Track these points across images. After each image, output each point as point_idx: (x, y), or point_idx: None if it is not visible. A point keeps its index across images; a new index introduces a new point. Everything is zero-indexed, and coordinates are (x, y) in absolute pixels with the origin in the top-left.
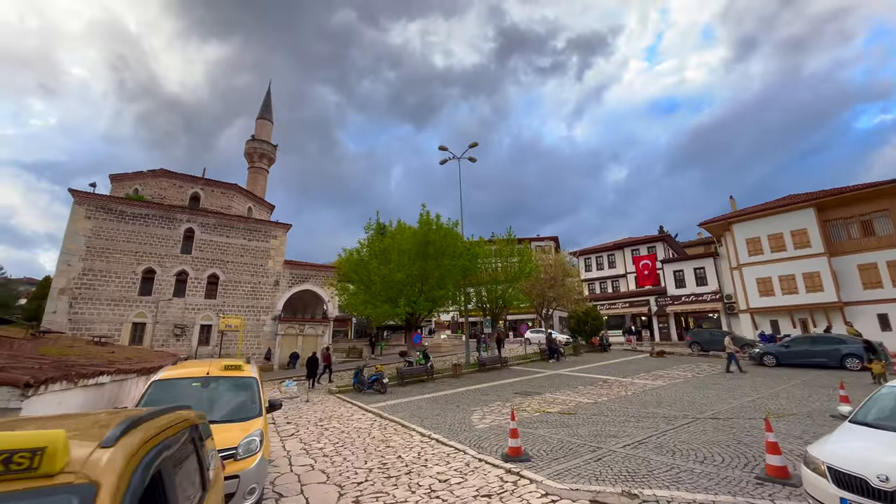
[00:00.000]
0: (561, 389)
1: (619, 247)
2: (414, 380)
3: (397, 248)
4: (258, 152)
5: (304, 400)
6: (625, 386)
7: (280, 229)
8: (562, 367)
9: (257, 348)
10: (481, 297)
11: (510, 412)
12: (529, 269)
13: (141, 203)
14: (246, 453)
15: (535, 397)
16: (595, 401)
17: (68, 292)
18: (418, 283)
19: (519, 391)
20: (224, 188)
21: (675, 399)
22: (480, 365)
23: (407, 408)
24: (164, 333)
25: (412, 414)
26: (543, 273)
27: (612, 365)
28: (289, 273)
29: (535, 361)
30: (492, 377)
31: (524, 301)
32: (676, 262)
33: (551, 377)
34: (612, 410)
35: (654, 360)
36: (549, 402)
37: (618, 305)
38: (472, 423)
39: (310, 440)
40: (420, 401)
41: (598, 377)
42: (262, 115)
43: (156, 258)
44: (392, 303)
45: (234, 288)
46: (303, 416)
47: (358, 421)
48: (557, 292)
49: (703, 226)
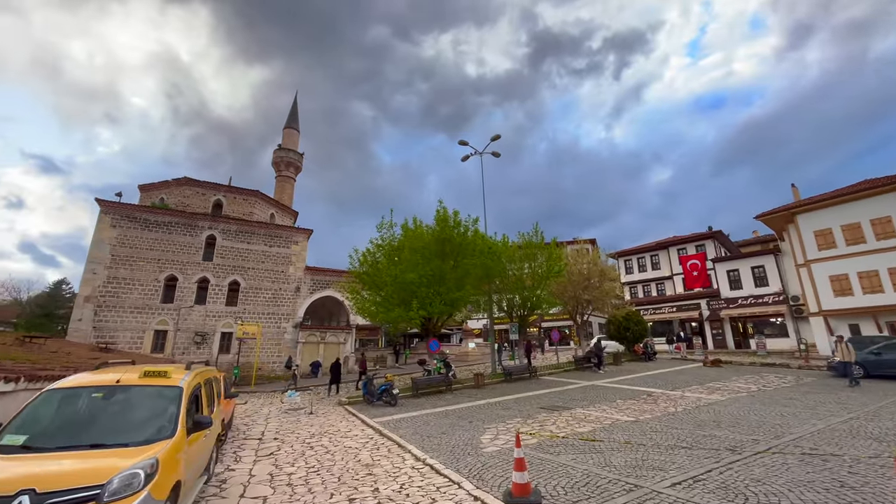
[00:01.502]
0: (596, 404)
1: (664, 246)
2: (431, 391)
3: (410, 247)
4: (285, 161)
5: (307, 412)
6: (674, 400)
7: (301, 234)
8: (599, 377)
9: (278, 356)
10: (507, 300)
11: (515, 436)
12: (559, 268)
13: (164, 211)
14: (119, 493)
15: (562, 413)
16: (636, 418)
17: (93, 300)
18: (434, 284)
19: (546, 405)
20: (246, 195)
21: (738, 418)
22: (506, 375)
23: (412, 423)
24: (185, 341)
25: (415, 431)
26: (577, 273)
27: (659, 376)
28: (310, 279)
29: (570, 371)
30: (518, 389)
31: (554, 304)
32: (730, 260)
33: (586, 389)
34: (658, 431)
35: (709, 371)
36: (578, 420)
37: (663, 310)
38: (480, 444)
39: (285, 462)
40: (430, 415)
41: (641, 389)
42: (289, 125)
43: (178, 265)
44: (405, 306)
45: (254, 295)
46: (296, 431)
47: (352, 439)
48: (593, 294)
49: (762, 218)
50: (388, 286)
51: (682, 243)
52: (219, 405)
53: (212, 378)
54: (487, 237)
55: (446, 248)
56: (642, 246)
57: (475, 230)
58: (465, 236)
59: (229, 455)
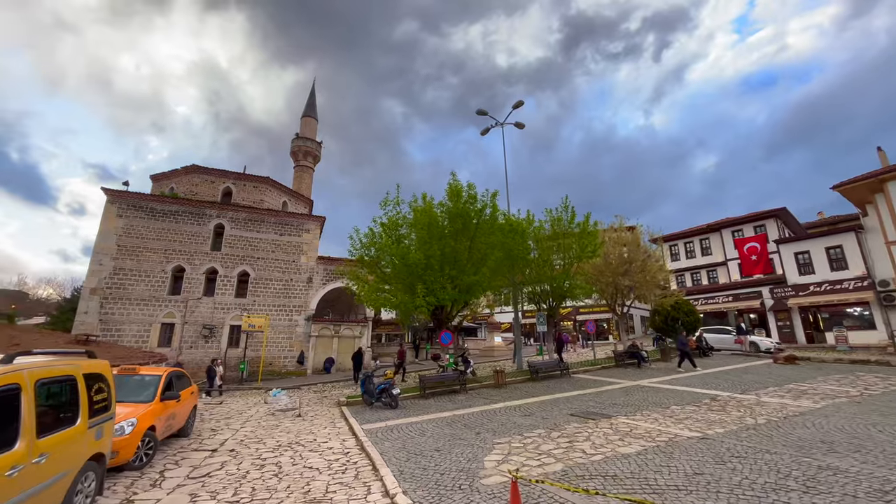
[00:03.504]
0: (644, 410)
1: (715, 229)
2: (442, 390)
3: (417, 223)
4: (303, 150)
5: (295, 414)
6: (749, 408)
7: (313, 222)
8: (645, 376)
9: (289, 351)
10: (533, 287)
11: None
12: (593, 247)
13: (171, 199)
14: None
15: (599, 423)
16: (703, 433)
17: (99, 292)
18: (444, 266)
19: (578, 411)
20: (256, 182)
21: (856, 436)
22: (532, 373)
23: (405, 433)
24: (193, 334)
25: (403, 445)
26: (615, 256)
27: (719, 375)
28: (322, 269)
29: (608, 368)
30: (545, 389)
31: (589, 291)
32: (798, 241)
33: (629, 391)
34: (741, 457)
35: (783, 369)
36: (621, 434)
37: (717, 300)
38: (481, 470)
39: (211, 490)
40: (431, 422)
41: (700, 392)
42: (307, 113)
43: (185, 256)
44: (410, 291)
45: (264, 286)
46: (263, 440)
47: (322, 454)
48: (635, 280)
49: (841, 189)
50: (391, 269)
51: (738, 224)
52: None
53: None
54: (510, 215)
55: (459, 226)
56: (690, 229)
57: (494, 206)
58: (482, 213)
59: (151, 474)
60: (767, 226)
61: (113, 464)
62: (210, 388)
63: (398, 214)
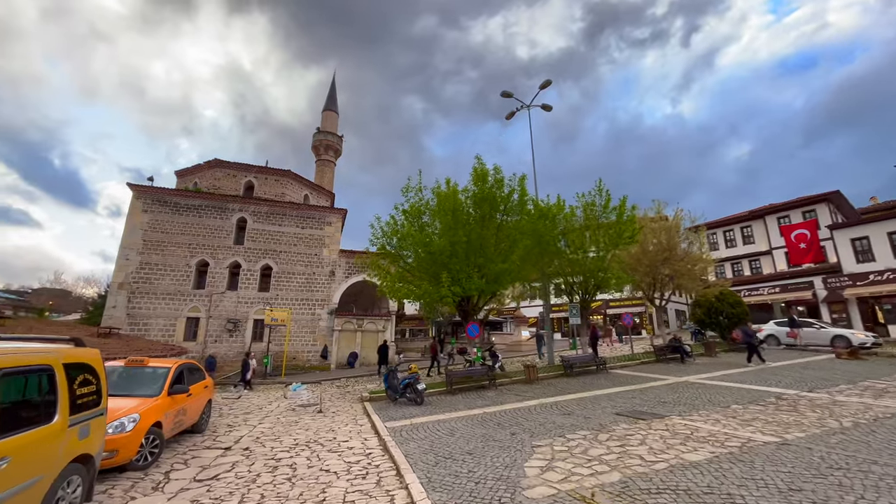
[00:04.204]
0: (700, 409)
1: (758, 216)
2: (470, 385)
3: (441, 209)
4: (324, 144)
5: (316, 410)
6: (826, 408)
7: (334, 215)
8: (691, 372)
9: (313, 345)
10: (564, 275)
11: None
12: (631, 232)
13: (194, 193)
14: None
15: (652, 424)
16: (781, 437)
17: (126, 287)
18: (470, 254)
19: (624, 410)
20: (278, 175)
21: None
22: (566, 368)
23: (432, 432)
24: (218, 328)
25: (431, 446)
26: (655, 243)
27: (777, 370)
28: (345, 263)
29: (648, 364)
30: (581, 385)
31: (626, 281)
32: (856, 226)
33: (676, 388)
34: (840, 466)
35: (847, 364)
36: (681, 437)
37: (761, 291)
38: (522, 479)
39: (217, 495)
40: (461, 420)
41: (760, 389)
42: (328, 107)
43: (209, 250)
44: (434, 281)
45: (287, 280)
46: (281, 438)
47: (342, 455)
48: (675, 268)
49: None
50: (414, 258)
51: (784, 210)
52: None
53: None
54: (538, 200)
55: (486, 210)
56: (730, 217)
57: (522, 189)
58: (510, 198)
59: (156, 475)
60: (818, 211)
61: (112, 464)
62: (244, 380)
63: (420, 201)
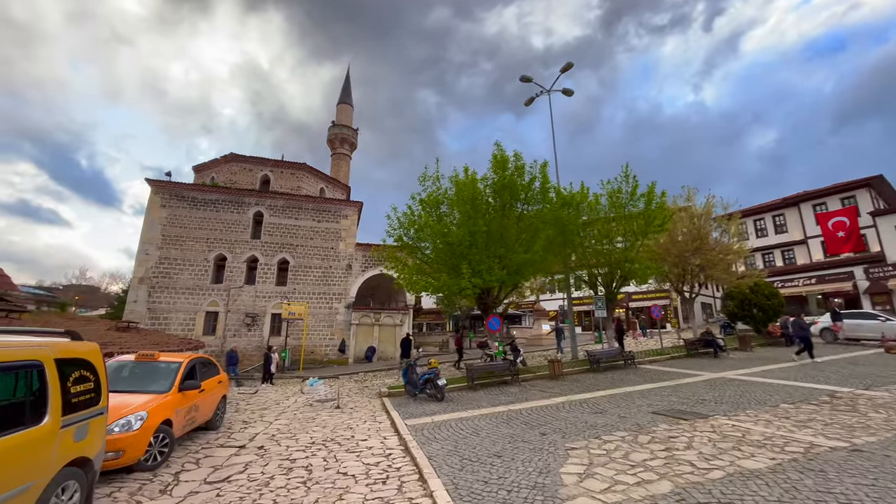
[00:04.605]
0: (745, 408)
1: (792, 203)
2: (491, 381)
3: (460, 197)
4: (339, 137)
5: (333, 406)
6: (891, 408)
7: (350, 208)
8: (724, 367)
9: (330, 339)
10: (588, 266)
11: None
12: (661, 219)
13: (210, 188)
14: None
15: (696, 424)
16: (849, 442)
17: (146, 281)
18: (491, 244)
19: (661, 408)
20: (293, 168)
21: None
22: (592, 363)
23: (455, 431)
24: (236, 323)
25: (455, 447)
26: (685, 233)
27: (822, 366)
28: (361, 256)
29: (678, 358)
30: (610, 381)
31: (657, 271)
32: None
33: (714, 384)
34: None
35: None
36: (731, 440)
37: (796, 282)
38: (560, 486)
39: (226, 501)
40: (485, 418)
41: (808, 387)
42: (343, 100)
43: (226, 244)
44: (454, 272)
45: (304, 273)
46: (297, 436)
47: (360, 456)
48: (707, 258)
49: None
50: (432, 250)
51: (820, 197)
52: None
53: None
54: (560, 188)
55: (507, 199)
56: (762, 205)
57: (544, 176)
58: (531, 186)
59: (165, 476)
60: (858, 197)
61: (118, 464)
62: (266, 374)
63: (438, 190)
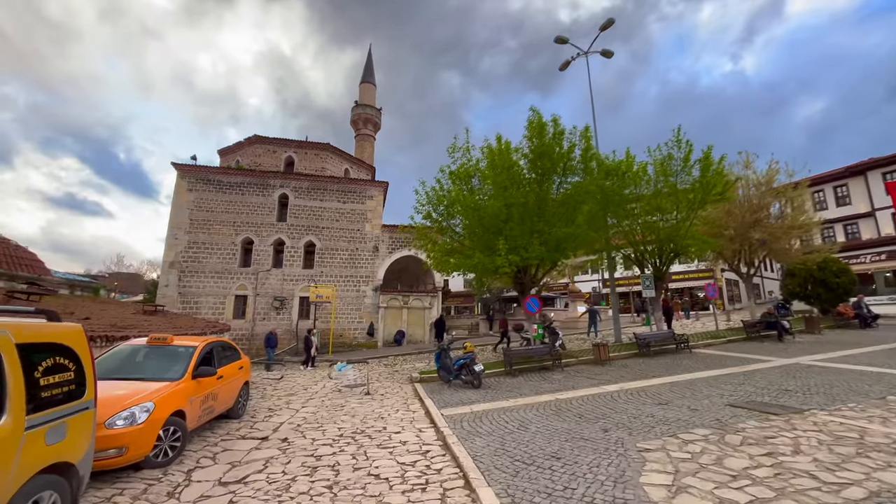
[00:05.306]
0: (845, 401)
1: (857, 172)
2: (531, 366)
3: (494, 166)
4: (363, 118)
5: (363, 392)
6: None
7: (376, 188)
8: (795, 351)
9: (359, 322)
10: (634, 242)
11: None
12: (724, 185)
13: (235, 171)
14: None
15: (793, 421)
16: None
17: (177, 266)
18: (529, 218)
19: (739, 401)
20: (317, 149)
21: None
22: (641, 346)
23: (500, 424)
24: (265, 306)
25: (501, 445)
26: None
27: None
28: (388, 237)
29: (736, 342)
30: (664, 367)
31: (713, 245)
32: None
33: (790, 371)
34: None
35: None
36: (851, 443)
37: (863, 259)
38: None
39: None
40: (530, 409)
41: None
42: (365, 79)
43: (253, 227)
44: (488, 250)
45: (330, 256)
46: (325, 426)
47: (394, 451)
48: (769, 231)
49: None
50: (464, 226)
51: (891, 164)
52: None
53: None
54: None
55: (548, 165)
56: (821, 175)
57: (587, 142)
58: (570, 154)
59: (176, 474)
60: None
61: (121, 463)
62: (307, 358)
63: (469, 162)
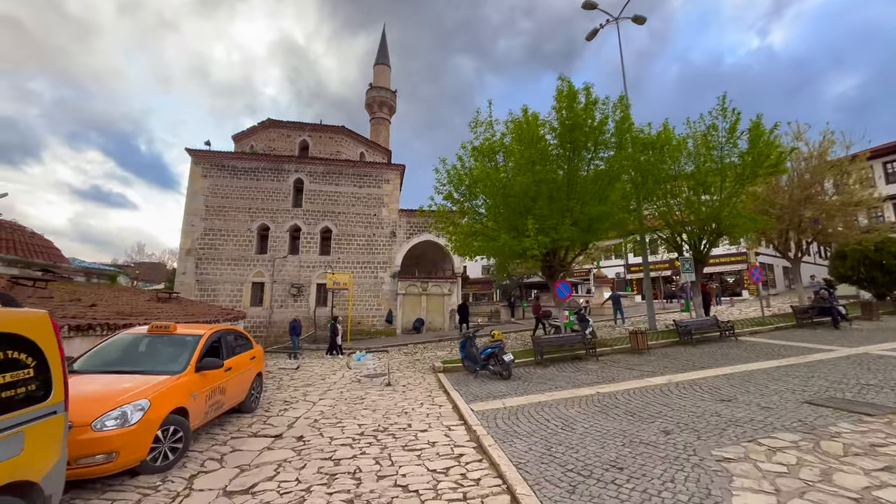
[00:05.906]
0: None
1: None
2: (562, 355)
3: (522, 139)
4: (378, 100)
5: (384, 383)
6: None
7: (392, 172)
8: (855, 340)
9: (377, 309)
10: (671, 223)
11: None
12: (778, 156)
13: (249, 156)
14: None
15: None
16: None
17: (193, 253)
18: (558, 196)
19: (814, 397)
20: (332, 132)
21: None
22: (682, 334)
23: (541, 423)
24: (282, 293)
25: (548, 450)
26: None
27: None
28: (405, 222)
29: (784, 329)
30: (711, 357)
31: (759, 224)
32: None
33: (860, 362)
34: None
35: None
36: None
37: None
38: None
39: None
40: (571, 404)
41: None
42: (380, 61)
43: (269, 213)
44: (515, 231)
45: (347, 242)
46: (343, 422)
47: (422, 454)
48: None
49: None
50: (487, 205)
51: None
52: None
53: None
54: (640, 129)
55: (577, 138)
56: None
57: (625, 111)
58: (602, 127)
59: (176, 481)
60: None
61: (111, 469)
62: (332, 346)
63: (492, 137)
